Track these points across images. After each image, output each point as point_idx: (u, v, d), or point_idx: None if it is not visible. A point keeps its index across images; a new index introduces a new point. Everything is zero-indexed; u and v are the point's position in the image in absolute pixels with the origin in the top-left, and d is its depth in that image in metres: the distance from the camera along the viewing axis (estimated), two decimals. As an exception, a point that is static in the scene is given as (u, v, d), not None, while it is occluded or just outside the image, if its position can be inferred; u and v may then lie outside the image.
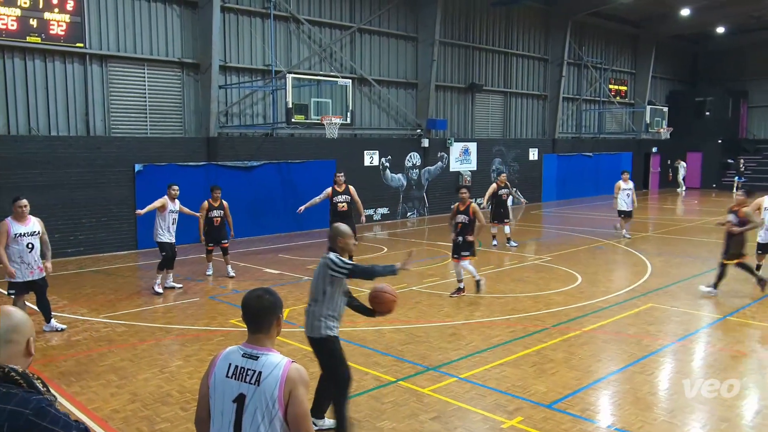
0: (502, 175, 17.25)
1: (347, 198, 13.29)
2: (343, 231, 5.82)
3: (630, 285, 11.81)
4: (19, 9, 13.97)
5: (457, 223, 11.08)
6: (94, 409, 6.36)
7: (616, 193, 17.35)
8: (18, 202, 8.68)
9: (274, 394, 2.86)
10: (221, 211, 12.70)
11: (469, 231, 10.94)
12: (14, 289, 8.67)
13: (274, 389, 2.86)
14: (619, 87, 33.09)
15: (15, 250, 8.55)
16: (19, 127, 14.40)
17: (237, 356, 3.00)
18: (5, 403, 2.24)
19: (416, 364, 7.58)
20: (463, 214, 11.05)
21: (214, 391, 3.01)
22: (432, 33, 22.08)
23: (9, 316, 2.46)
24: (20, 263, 8.57)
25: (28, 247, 8.62)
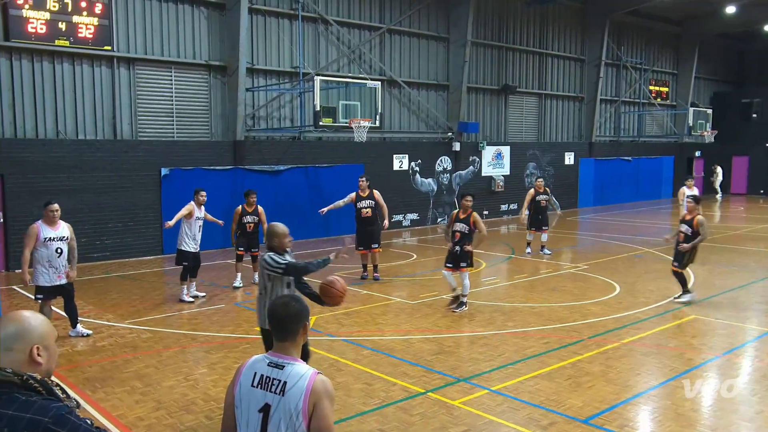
0: (539, 180, 16.65)
1: (371, 203, 12.91)
2: (278, 231, 6.26)
3: (671, 296, 11.24)
4: (48, 12, 14.01)
5: (455, 231, 10.45)
6: (119, 416, 6.31)
7: (681, 200, 16.26)
8: (50, 206, 8.68)
9: (298, 406, 2.79)
10: (255, 216, 12.26)
11: (467, 241, 10.31)
12: (42, 294, 8.64)
13: (298, 401, 2.80)
14: (660, 88, 32.10)
15: (44, 254, 8.53)
16: (47, 131, 14.42)
17: (263, 365, 2.94)
18: (24, 411, 2.23)
19: (446, 375, 7.36)
20: (462, 223, 10.45)
21: (240, 401, 2.95)
22: (464, 33, 21.63)
23: (14, 323, 2.39)
24: (48, 267, 8.55)
25: (57, 252, 8.61)
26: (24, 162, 13.87)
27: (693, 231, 10.68)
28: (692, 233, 10.68)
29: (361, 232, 12.90)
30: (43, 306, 8.65)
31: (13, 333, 2.36)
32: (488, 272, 13.90)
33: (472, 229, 10.34)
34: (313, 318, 9.89)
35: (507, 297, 11.38)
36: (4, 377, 2.30)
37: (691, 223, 10.74)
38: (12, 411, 2.25)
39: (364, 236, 12.86)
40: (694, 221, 10.71)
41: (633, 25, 29.42)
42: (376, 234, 12.88)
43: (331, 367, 7.63)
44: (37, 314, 2.47)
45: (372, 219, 12.88)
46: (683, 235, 10.81)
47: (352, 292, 11.77)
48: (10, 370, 2.32)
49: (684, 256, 10.75)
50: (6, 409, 2.25)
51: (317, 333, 9.01)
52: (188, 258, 11.10)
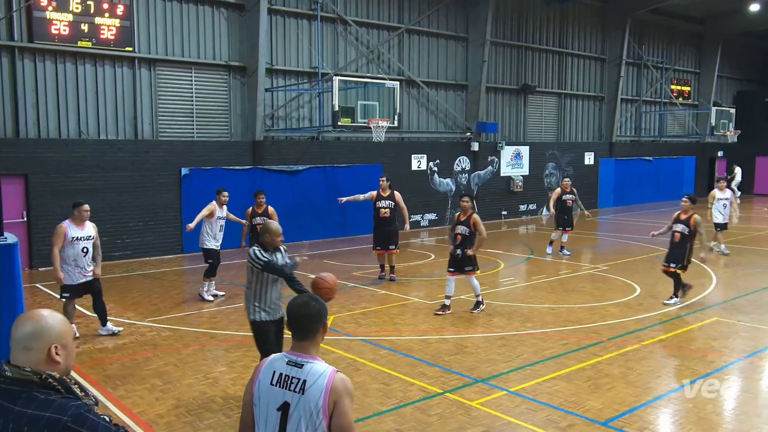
0: (565, 180, 16.30)
1: (390, 204, 12.79)
2: (271, 228, 6.64)
3: (693, 297, 11.09)
4: (71, 14, 14.19)
5: (456, 234, 10.20)
6: (139, 413, 6.37)
7: (711, 203, 15.87)
8: (82, 206, 8.79)
9: (318, 404, 2.81)
10: (265, 218, 11.80)
11: (468, 244, 10.07)
12: (68, 293, 8.75)
13: (318, 399, 2.81)
14: (682, 87, 31.70)
15: (70, 254, 8.65)
16: (69, 131, 14.62)
17: (281, 364, 2.95)
18: (44, 410, 2.25)
19: (464, 376, 7.33)
20: (463, 225, 10.17)
21: (259, 399, 2.96)
22: (483, 33, 21.54)
23: (32, 322, 2.40)
24: (74, 267, 8.67)
25: (83, 251, 8.74)
26: (47, 162, 14.07)
27: (690, 230, 10.54)
28: (689, 232, 10.55)
29: (378, 232, 12.87)
30: (67, 304, 8.78)
31: (32, 332, 2.38)
32: (507, 273, 13.83)
33: (473, 231, 10.10)
34: (331, 317, 9.92)
35: (525, 298, 11.31)
36: (24, 376, 2.32)
37: (688, 223, 10.60)
38: (32, 410, 2.27)
39: (380, 236, 12.83)
40: (690, 220, 10.59)
41: (654, 23, 29.09)
42: (393, 235, 12.79)
43: (348, 367, 7.64)
44: (54, 313, 2.49)
45: (390, 220, 12.78)
46: (679, 234, 10.64)
47: (369, 291, 11.80)
48: (29, 369, 2.34)
49: (685, 258, 10.58)
50: (26, 408, 2.27)
51: (335, 333, 9.02)
52: (213, 255, 11.19)
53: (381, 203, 12.80)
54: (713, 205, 15.79)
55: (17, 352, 2.37)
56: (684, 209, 10.75)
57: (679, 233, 10.65)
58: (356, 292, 11.76)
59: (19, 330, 2.40)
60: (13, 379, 2.33)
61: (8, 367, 2.36)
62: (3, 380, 2.35)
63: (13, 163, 13.32)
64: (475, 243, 10.11)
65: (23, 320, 2.44)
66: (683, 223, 10.66)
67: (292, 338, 3.00)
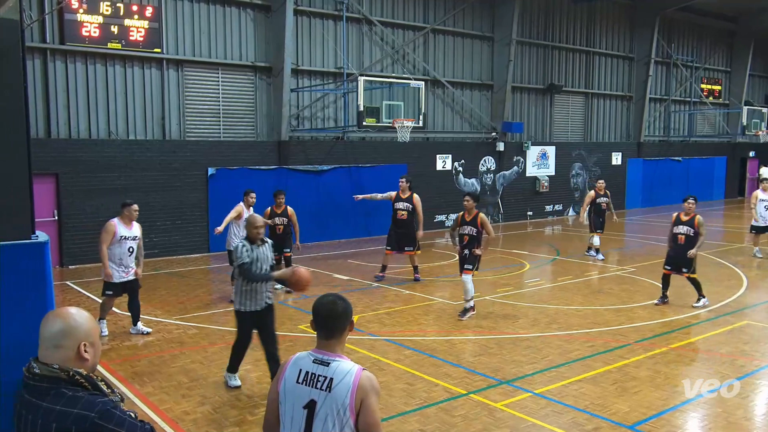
0: (600, 182, 15.69)
1: (408, 206, 12.55)
2: (250, 221, 6.95)
3: (723, 300, 10.91)
4: (101, 16, 14.42)
5: (463, 235, 9.96)
6: (166, 410, 6.45)
7: (753, 203, 15.33)
8: (132, 206, 8.93)
9: (345, 402, 2.83)
10: (284, 218, 11.83)
11: (476, 244, 9.84)
12: (112, 290, 8.86)
13: (345, 397, 2.83)
14: (712, 86, 31.13)
15: (116, 252, 8.78)
16: (99, 132, 14.86)
17: (307, 362, 2.97)
18: (71, 406, 2.29)
19: (488, 377, 7.31)
20: (469, 225, 9.89)
21: (285, 397, 2.97)
22: (509, 32, 21.40)
23: (61, 320, 2.44)
24: (118, 265, 8.80)
25: (129, 251, 8.88)
26: (77, 161, 14.32)
27: (695, 231, 10.40)
28: (694, 233, 10.39)
29: (393, 233, 12.75)
30: (107, 302, 8.89)
31: (61, 330, 2.41)
32: (532, 274, 13.72)
33: (480, 231, 9.88)
34: (355, 317, 9.93)
35: (551, 299, 11.21)
36: (52, 373, 2.36)
37: (692, 224, 10.44)
38: (60, 406, 2.31)
39: (394, 237, 12.69)
40: (695, 221, 10.43)
41: (684, 21, 28.61)
42: (409, 238, 12.54)
43: (372, 367, 7.64)
44: (82, 311, 2.52)
45: (407, 222, 12.54)
46: (684, 237, 10.46)
47: (393, 292, 11.80)
48: (57, 366, 2.38)
49: (692, 260, 10.41)
50: (54, 405, 2.31)
51: (359, 332, 9.05)
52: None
53: (398, 204, 12.63)
54: (755, 207, 15.26)
55: (46, 350, 2.41)
56: (688, 210, 10.59)
57: (684, 235, 10.48)
58: (380, 292, 11.77)
59: (48, 328, 2.43)
60: (41, 375, 2.37)
61: (37, 364, 2.40)
62: (32, 377, 2.39)
63: (45, 162, 13.57)
64: (483, 243, 9.92)
65: (52, 318, 2.47)
66: (688, 225, 10.50)
67: (317, 337, 3.01)
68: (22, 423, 2.38)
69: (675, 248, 10.57)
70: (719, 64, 31.42)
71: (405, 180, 12.86)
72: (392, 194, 12.78)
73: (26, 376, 2.41)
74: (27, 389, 2.40)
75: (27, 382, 2.40)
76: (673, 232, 10.64)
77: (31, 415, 2.34)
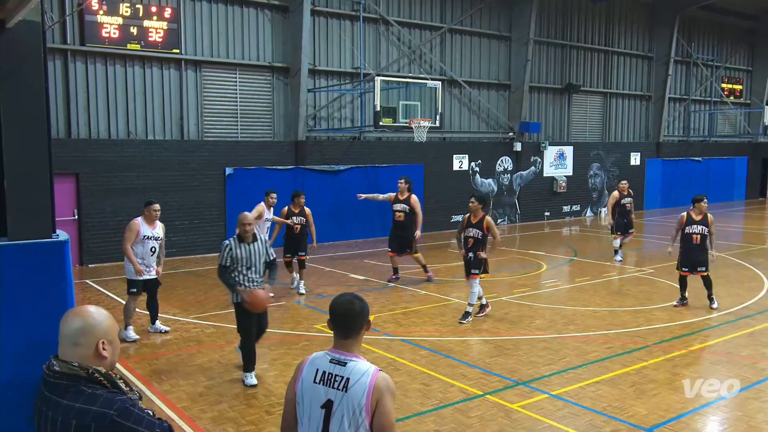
0: (623, 182, 15.18)
1: (405, 207, 12.26)
2: (239, 219, 7.20)
3: (743, 302, 10.77)
4: (121, 18, 14.57)
5: (468, 237, 9.71)
6: (183, 408, 6.50)
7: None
8: (153, 205, 8.99)
9: (361, 402, 2.84)
10: (302, 218, 11.70)
11: (481, 247, 9.59)
12: (135, 288, 8.93)
13: (361, 397, 2.85)
14: (733, 86, 30.72)
15: (138, 251, 8.87)
16: (119, 132, 15.01)
17: (324, 362, 2.98)
18: (90, 404, 2.33)
19: (505, 378, 7.28)
20: (475, 228, 9.65)
21: (302, 397, 2.99)
22: (526, 32, 21.30)
23: (80, 318, 2.47)
24: (140, 264, 8.88)
25: (151, 251, 8.99)
26: (97, 161, 14.48)
27: (709, 230, 10.35)
28: (708, 232, 10.34)
29: (392, 235, 12.60)
30: (132, 302, 8.94)
31: (80, 328, 2.45)
32: (549, 274, 13.64)
33: (486, 234, 9.62)
34: (371, 317, 9.93)
35: (568, 300, 11.13)
36: (71, 371, 2.40)
37: (706, 223, 10.35)
38: (79, 403, 2.34)
39: (394, 240, 12.53)
40: (708, 220, 10.35)
41: (704, 20, 28.28)
42: (407, 239, 12.29)
43: (388, 367, 7.64)
44: (100, 309, 2.55)
45: (404, 224, 12.27)
46: (699, 236, 10.35)
47: (409, 292, 11.79)
48: (77, 363, 2.41)
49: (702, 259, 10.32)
50: (74, 402, 2.35)
51: (375, 332, 9.05)
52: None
53: (396, 206, 12.41)
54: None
55: (66, 347, 2.44)
56: (700, 210, 10.47)
57: (699, 234, 10.37)
58: (396, 292, 11.77)
59: (68, 326, 2.46)
60: (61, 373, 2.40)
61: (57, 362, 2.43)
62: (51, 374, 2.42)
63: (65, 162, 13.73)
64: (488, 246, 9.68)
65: (71, 316, 2.50)
66: (701, 224, 10.39)
67: (334, 336, 3.02)
68: (42, 419, 2.41)
69: (690, 248, 10.44)
70: (740, 63, 31.02)
71: (404, 181, 12.55)
72: (392, 195, 12.63)
73: (46, 374, 2.45)
74: (47, 386, 2.43)
75: (47, 380, 2.43)
76: (685, 233, 10.50)
77: (51, 412, 2.37)
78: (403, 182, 12.50)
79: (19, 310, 3.04)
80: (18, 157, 3.16)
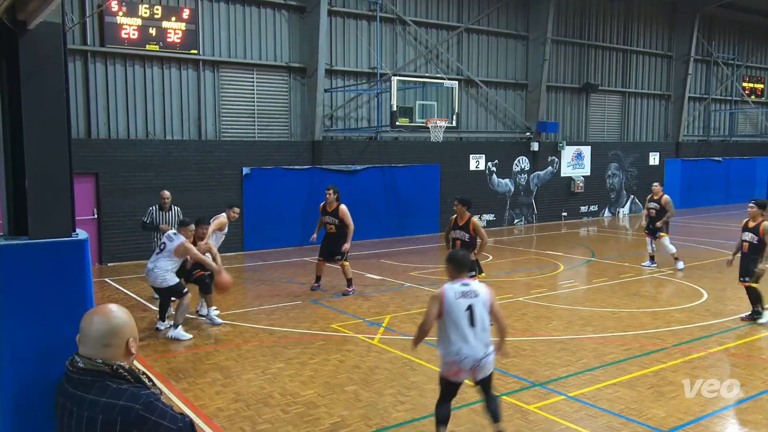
0: (655, 185, 14.45)
1: (334, 220, 11.32)
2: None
3: (766, 304, 10.55)
4: (140, 19, 14.71)
5: (455, 239, 9.46)
6: (200, 406, 6.54)
7: None
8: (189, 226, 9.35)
9: (486, 303, 5.29)
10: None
11: (470, 249, 9.22)
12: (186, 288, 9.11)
13: (486, 299, 5.29)
14: (755, 85, 30.30)
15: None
16: (137, 132, 15.15)
17: (458, 287, 5.31)
18: (117, 398, 2.38)
19: (521, 379, 7.25)
20: (461, 230, 9.41)
21: (450, 309, 5.22)
22: (544, 31, 21.18)
23: (107, 319, 2.52)
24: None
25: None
26: (116, 161, 14.63)
27: (759, 239, 9.58)
28: (758, 241, 9.59)
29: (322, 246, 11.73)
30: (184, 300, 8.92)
31: (110, 329, 2.50)
32: (566, 275, 13.55)
33: (473, 237, 9.37)
34: (386, 317, 9.96)
35: (585, 301, 11.05)
36: (96, 367, 2.45)
37: (757, 231, 9.60)
38: (105, 398, 2.39)
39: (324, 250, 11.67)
40: (760, 228, 9.58)
41: (725, 18, 27.92)
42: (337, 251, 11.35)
43: (404, 366, 7.64)
44: (121, 307, 2.60)
45: (336, 236, 11.35)
46: (747, 244, 9.71)
47: (426, 291, 11.75)
48: (101, 360, 2.45)
49: (750, 269, 9.60)
50: (99, 397, 2.39)
51: (391, 332, 9.06)
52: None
53: (325, 218, 11.50)
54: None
55: (93, 349, 2.48)
56: (752, 215, 9.76)
57: (748, 243, 9.74)
58: (413, 292, 11.75)
59: (94, 328, 2.49)
60: (85, 369, 2.45)
61: (80, 358, 2.47)
62: (76, 370, 2.46)
63: (85, 162, 13.88)
64: (477, 247, 9.40)
65: (97, 318, 2.53)
66: (752, 231, 9.73)
67: (455, 274, 5.37)
68: (66, 414, 2.45)
69: (741, 255, 9.86)
70: (762, 61, 30.58)
71: (332, 191, 11.39)
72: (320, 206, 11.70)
73: (70, 370, 2.49)
74: (70, 382, 2.47)
75: (71, 376, 2.48)
76: (740, 239, 9.92)
77: (76, 407, 2.41)
78: (331, 193, 11.34)
79: (39, 308, 3.08)
80: (39, 156, 3.19)
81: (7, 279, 3.02)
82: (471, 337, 5.20)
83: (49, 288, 3.11)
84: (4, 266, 3.02)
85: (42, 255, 3.12)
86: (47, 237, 3.17)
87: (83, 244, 3.24)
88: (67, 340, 2.79)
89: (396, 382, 7.14)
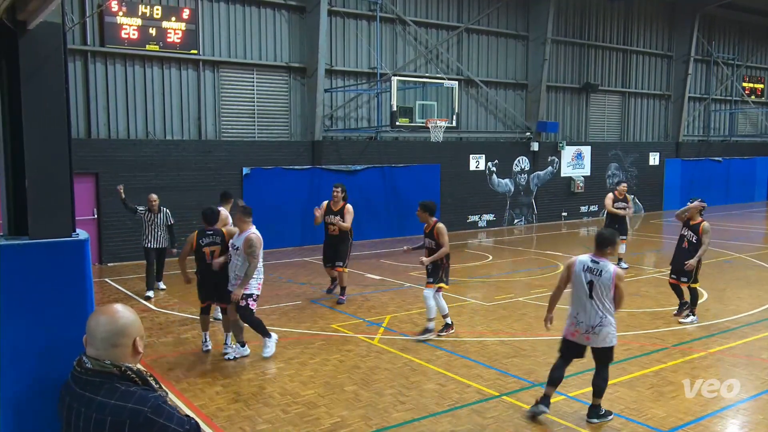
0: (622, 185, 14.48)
1: (339, 220, 10.73)
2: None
3: (763, 304, 10.62)
4: (140, 19, 14.71)
5: (425, 247, 8.95)
6: (200, 406, 6.54)
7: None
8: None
9: (608, 283, 5.89)
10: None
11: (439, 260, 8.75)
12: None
13: (609, 281, 5.88)
14: (755, 85, 30.31)
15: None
16: (137, 132, 15.15)
17: (587, 260, 6.04)
18: (125, 401, 2.38)
19: (521, 379, 7.24)
20: (427, 238, 8.87)
21: (576, 278, 6.04)
22: (544, 31, 21.18)
23: (114, 319, 2.50)
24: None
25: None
26: (116, 161, 14.62)
27: (698, 238, 9.47)
28: (697, 240, 9.50)
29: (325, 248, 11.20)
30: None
31: (118, 330, 2.48)
32: (566, 275, 13.51)
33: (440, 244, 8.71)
34: (387, 317, 9.95)
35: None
36: (104, 368, 2.44)
37: (696, 229, 9.53)
38: (114, 400, 2.38)
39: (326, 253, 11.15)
40: (699, 227, 9.52)
41: (725, 18, 27.92)
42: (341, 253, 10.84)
43: (405, 367, 7.64)
44: (126, 307, 2.58)
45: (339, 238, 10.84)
46: (687, 242, 9.59)
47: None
48: (109, 361, 2.45)
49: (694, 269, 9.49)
50: (108, 399, 2.39)
51: (392, 332, 9.05)
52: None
53: (329, 217, 10.86)
54: None
55: (101, 349, 2.47)
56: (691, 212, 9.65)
57: (688, 240, 9.62)
58: (413, 293, 11.75)
59: (102, 328, 2.48)
60: (93, 370, 2.44)
61: (88, 359, 2.47)
62: (83, 372, 2.46)
63: (85, 162, 13.89)
64: (436, 254, 8.68)
65: (104, 319, 2.51)
66: (692, 230, 9.61)
67: (595, 248, 6.06)
68: (73, 415, 2.45)
69: (677, 252, 9.75)
70: (762, 61, 30.59)
71: (341, 189, 10.81)
72: (324, 205, 10.94)
73: (77, 370, 2.48)
74: (78, 383, 2.46)
75: (78, 376, 2.47)
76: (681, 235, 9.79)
77: (84, 408, 2.41)
78: (339, 191, 10.73)
79: (40, 308, 3.08)
80: (39, 156, 3.19)
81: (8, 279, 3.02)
82: (588, 306, 5.96)
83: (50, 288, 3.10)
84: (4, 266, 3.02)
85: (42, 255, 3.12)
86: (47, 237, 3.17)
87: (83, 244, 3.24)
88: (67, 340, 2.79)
89: (396, 382, 7.14)
